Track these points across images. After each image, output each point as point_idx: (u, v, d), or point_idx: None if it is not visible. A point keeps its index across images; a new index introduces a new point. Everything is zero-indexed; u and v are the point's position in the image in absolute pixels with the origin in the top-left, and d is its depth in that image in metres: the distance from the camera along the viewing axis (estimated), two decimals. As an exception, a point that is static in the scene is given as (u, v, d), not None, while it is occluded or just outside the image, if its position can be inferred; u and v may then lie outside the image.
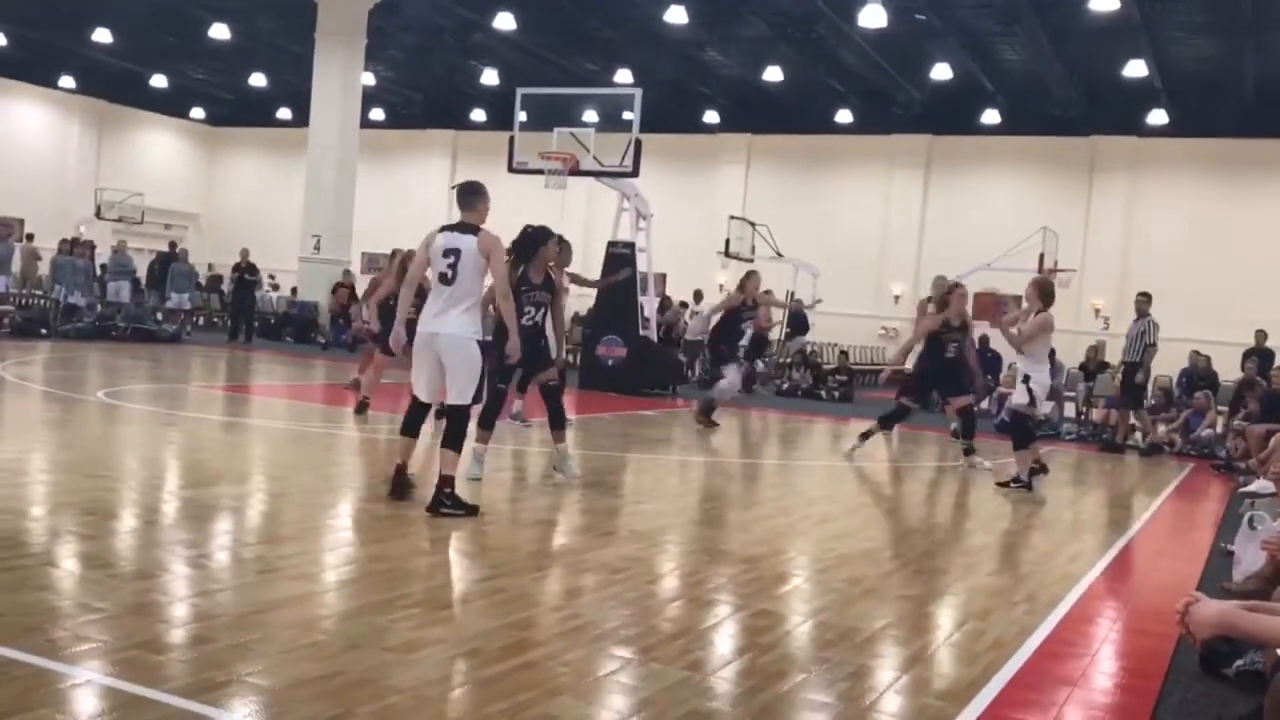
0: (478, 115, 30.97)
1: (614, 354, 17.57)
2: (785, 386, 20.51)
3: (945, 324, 11.04)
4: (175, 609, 4.45)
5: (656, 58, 24.26)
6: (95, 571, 4.93)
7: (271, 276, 27.73)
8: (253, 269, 23.40)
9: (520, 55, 25.41)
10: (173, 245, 25.97)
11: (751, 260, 24.47)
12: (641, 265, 18.03)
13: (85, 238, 23.98)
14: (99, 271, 23.71)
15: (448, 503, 6.60)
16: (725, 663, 4.39)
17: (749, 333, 14.71)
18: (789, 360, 21.82)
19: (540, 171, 16.93)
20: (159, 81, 31.42)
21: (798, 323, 22.93)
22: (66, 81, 31.37)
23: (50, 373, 14.25)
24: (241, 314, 23.48)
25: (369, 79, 25.66)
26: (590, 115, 20.21)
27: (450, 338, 6.69)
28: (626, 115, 17.00)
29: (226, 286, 25.62)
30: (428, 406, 7.06)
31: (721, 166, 29.97)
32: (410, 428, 7.06)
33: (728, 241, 23.54)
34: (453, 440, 6.71)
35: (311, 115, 23.63)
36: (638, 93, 16.96)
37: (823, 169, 28.90)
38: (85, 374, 14.79)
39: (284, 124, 33.35)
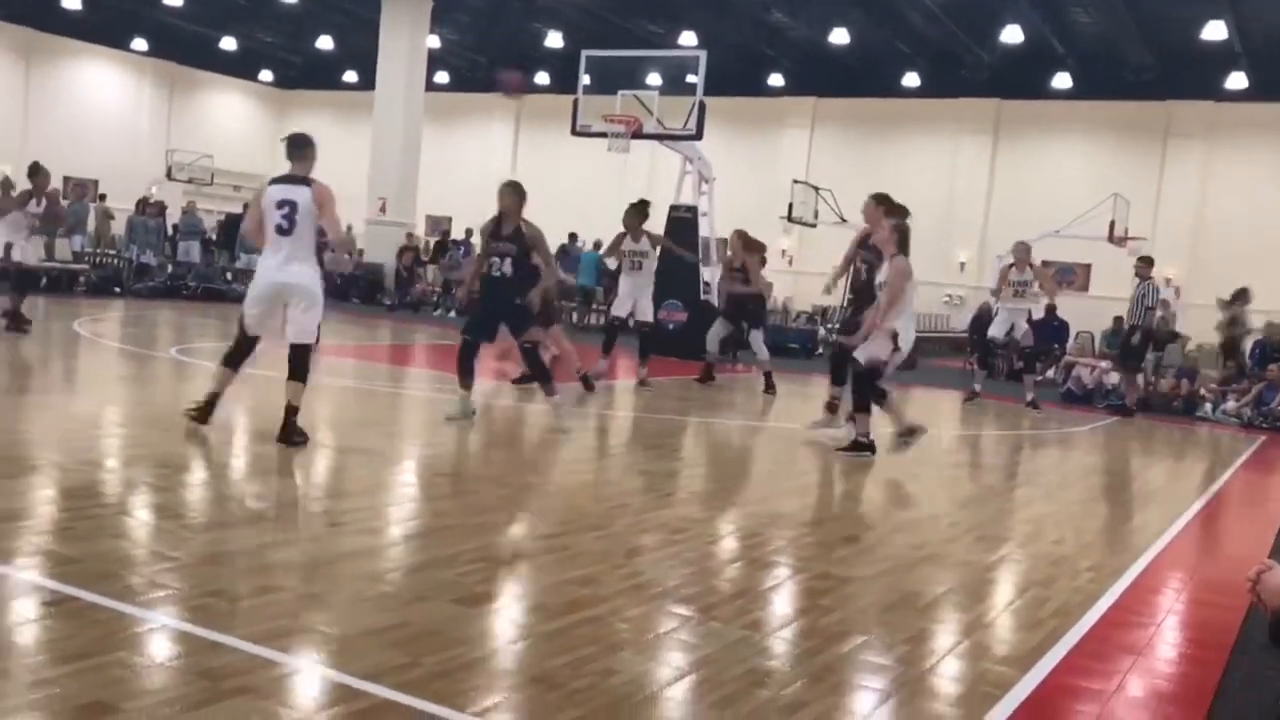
0: (541, 78, 30.93)
1: (675, 318, 17.54)
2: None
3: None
4: (245, 559, 4.56)
5: (721, 20, 24.04)
6: (169, 521, 5.06)
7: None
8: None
9: (584, 17, 25.32)
10: (245, 206, 26.31)
11: (814, 225, 24.30)
12: (704, 229, 17.95)
13: (156, 198, 24.38)
14: (170, 231, 24.13)
15: (297, 436, 6.90)
16: (784, 623, 4.41)
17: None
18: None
19: (603, 134, 16.90)
20: (228, 44, 31.76)
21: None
22: (138, 44, 31.83)
23: (124, 330, 14.57)
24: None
25: (434, 41, 25.72)
26: (654, 78, 20.11)
27: (301, 287, 7.00)
28: (690, 78, 16.91)
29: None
30: (254, 342, 7.26)
31: (785, 130, 29.69)
32: (233, 361, 7.25)
33: (790, 206, 23.35)
34: (300, 374, 7.04)
35: (378, 78, 23.77)
36: (702, 55, 16.82)
37: (888, 133, 28.49)
38: (157, 331, 15.10)
39: (351, 87, 33.58)
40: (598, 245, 23.98)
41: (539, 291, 8.69)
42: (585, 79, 17.43)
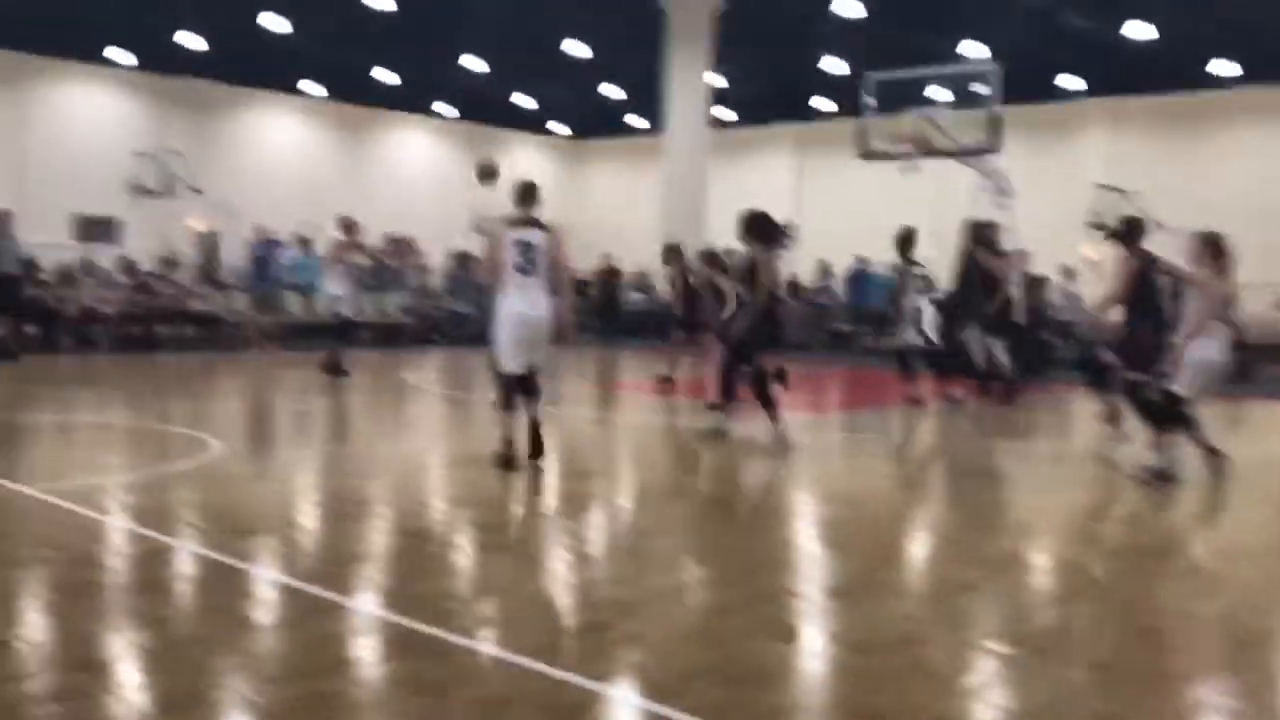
0: (823, 104, 30.84)
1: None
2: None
3: None
4: (570, 595, 4.75)
5: (1007, 26, 23.16)
6: (499, 559, 5.35)
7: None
8: (617, 273, 24.58)
9: (865, 39, 25.05)
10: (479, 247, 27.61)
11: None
12: (1005, 246, 17.25)
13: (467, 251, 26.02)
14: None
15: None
16: (1128, 663, 4.14)
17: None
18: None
19: (893, 157, 16.63)
20: (523, 100, 33.61)
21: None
22: (446, 110, 34.27)
23: (446, 376, 15.59)
24: (608, 315, 24.72)
25: (718, 80, 26.18)
26: (942, 94, 19.61)
27: (545, 320, 7.46)
28: (980, 89, 16.39)
29: (594, 290, 27.02)
30: (520, 380, 7.54)
31: (1084, 132, 28.22)
32: (509, 404, 7.54)
33: (1094, 213, 22.10)
34: (538, 393, 7.55)
35: (664, 120, 24.43)
36: (996, 67, 16.27)
37: (1199, 128, 26.50)
38: (474, 378, 16.05)
39: (639, 131, 34.74)
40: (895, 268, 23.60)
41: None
42: (870, 101, 17.24)
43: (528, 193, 7.95)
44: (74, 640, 3.92)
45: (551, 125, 37.70)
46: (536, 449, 7.46)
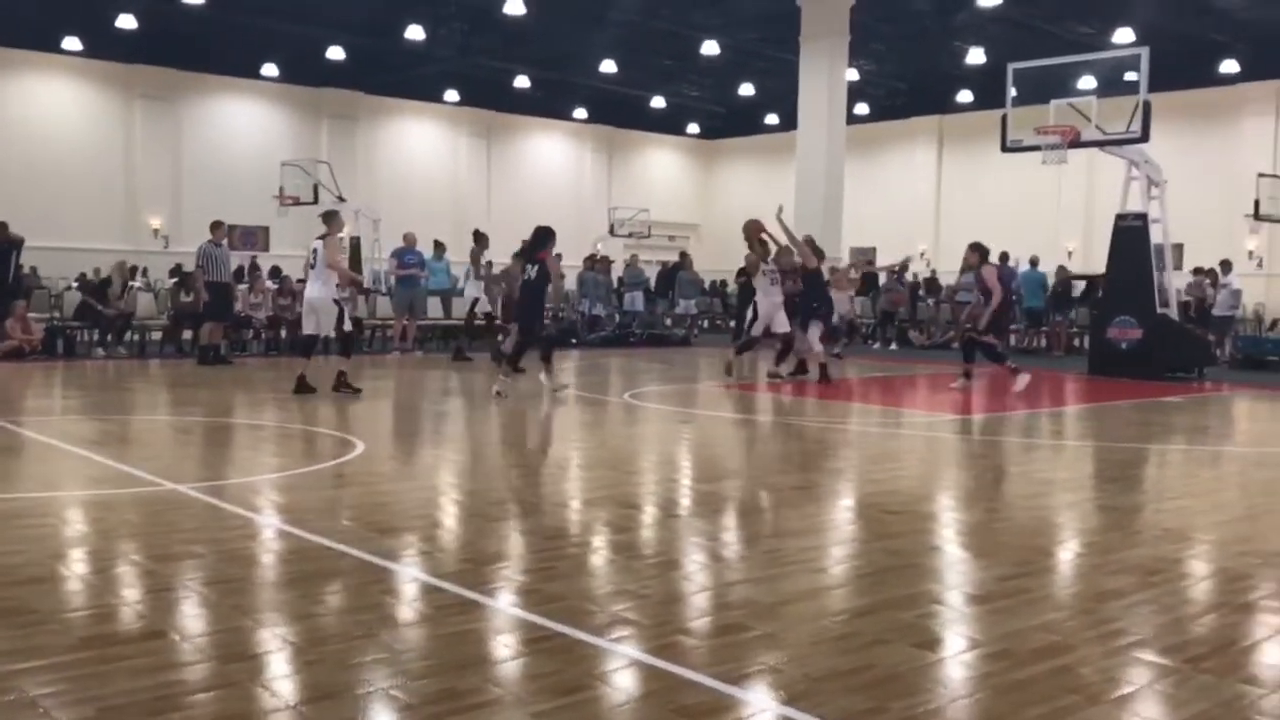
0: (964, 97, 30.13)
1: (1128, 336, 16.33)
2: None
3: None
4: (704, 597, 4.73)
5: (1160, 10, 22.23)
6: (633, 560, 5.37)
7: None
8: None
9: (1008, 29, 24.38)
10: (683, 255, 27.75)
11: (1288, 222, 21.73)
12: (1156, 236, 16.60)
13: (602, 254, 26.28)
14: (615, 284, 25.89)
15: None
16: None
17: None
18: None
19: (1036, 148, 16.14)
20: (658, 102, 33.73)
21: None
22: (579, 113, 34.64)
23: (581, 379, 15.75)
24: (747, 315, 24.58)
25: (853, 74, 25.82)
26: (1088, 82, 18.95)
27: None
28: (1130, 76, 15.79)
29: (731, 290, 26.93)
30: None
31: (1244, 119, 26.90)
32: None
33: (1257, 203, 21.05)
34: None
35: (799, 118, 24.19)
36: (1144, 52, 15.62)
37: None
38: (610, 378, 16.20)
39: (772, 129, 34.50)
40: (1034, 262, 22.93)
41: None
42: (1012, 91, 16.77)
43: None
44: (225, 633, 4.07)
45: (687, 126, 37.74)
46: None
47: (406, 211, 26.78)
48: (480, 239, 17.80)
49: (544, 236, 13.08)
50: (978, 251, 13.92)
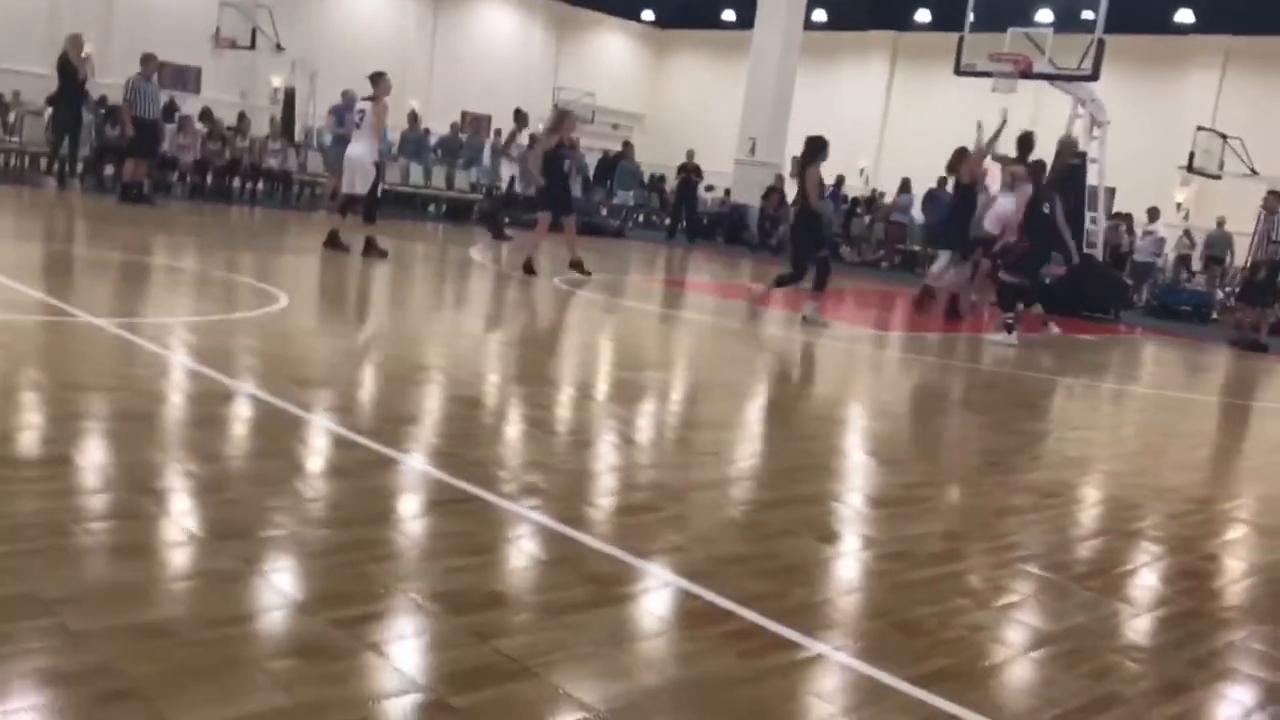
0: (922, 16, 29.96)
1: (1052, 272, 16.59)
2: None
3: None
4: (616, 475, 4.80)
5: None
6: (549, 435, 5.41)
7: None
8: (698, 171, 24.32)
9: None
10: (626, 144, 27.42)
11: (1219, 177, 22.15)
12: (1092, 178, 16.82)
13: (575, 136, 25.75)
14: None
15: None
16: (1163, 601, 4.10)
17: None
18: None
19: (989, 74, 16.16)
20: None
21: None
22: (534, -13, 33.74)
23: (509, 258, 15.61)
24: (683, 213, 24.48)
25: (814, -22, 25.47)
26: (1045, 15, 18.97)
27: None
28: (1087, 14, 15.81)
29: (669, 186, 26.73)
30: None
31: (1191, 71, 27.15)
32: None
33: (1191, 155, 21.41)
34: None
35: (757, 16, 23.85)
36: (1105, -7, 15.65)
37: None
38: (543, 261, 16.04)
39: (728, 25, 33.98)
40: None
41: None
42: (971, 16, 16.71)
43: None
44: (133, 466, 4.03)
45: (642, 12, 36.96)
46: None
47: (347, 69, 25.96)
48: (520, 117, 18.10)
49: (815, 150, 10.85)
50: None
